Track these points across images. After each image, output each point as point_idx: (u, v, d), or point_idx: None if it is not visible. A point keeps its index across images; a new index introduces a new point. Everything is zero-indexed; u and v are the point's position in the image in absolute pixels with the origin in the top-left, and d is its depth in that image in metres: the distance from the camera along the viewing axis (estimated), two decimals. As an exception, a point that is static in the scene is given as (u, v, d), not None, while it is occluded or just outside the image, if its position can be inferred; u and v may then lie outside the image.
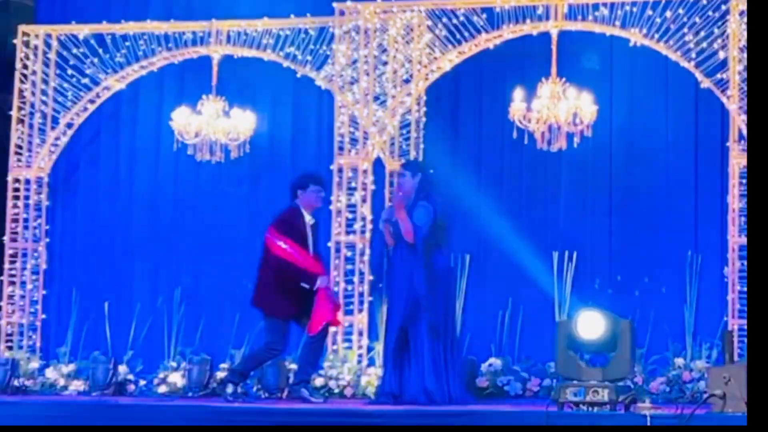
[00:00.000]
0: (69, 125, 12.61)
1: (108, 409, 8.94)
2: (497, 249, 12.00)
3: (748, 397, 7.04)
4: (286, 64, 12.17)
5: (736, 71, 10.94)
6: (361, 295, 11.66)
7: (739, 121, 10.98)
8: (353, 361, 11.43)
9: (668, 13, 11.11)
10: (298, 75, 12.20)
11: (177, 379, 11.80)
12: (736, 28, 10.98)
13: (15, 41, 12.70)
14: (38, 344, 12.47)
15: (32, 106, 12.60)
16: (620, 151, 11.89)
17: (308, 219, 10.04)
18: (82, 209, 12.97)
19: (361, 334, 11.61)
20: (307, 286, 9.80)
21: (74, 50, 12.58)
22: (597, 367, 8.09)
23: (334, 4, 11.95)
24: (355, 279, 11.67)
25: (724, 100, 11.05)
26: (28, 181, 12.57)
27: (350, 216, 11.75)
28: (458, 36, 11.64)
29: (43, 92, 12.58)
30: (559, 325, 8.35)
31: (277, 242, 9.89)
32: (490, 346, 11.54)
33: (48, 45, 12.65)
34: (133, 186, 12.91)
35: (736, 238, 10.99)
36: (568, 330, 8.09)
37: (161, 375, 11.93)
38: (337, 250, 11.70)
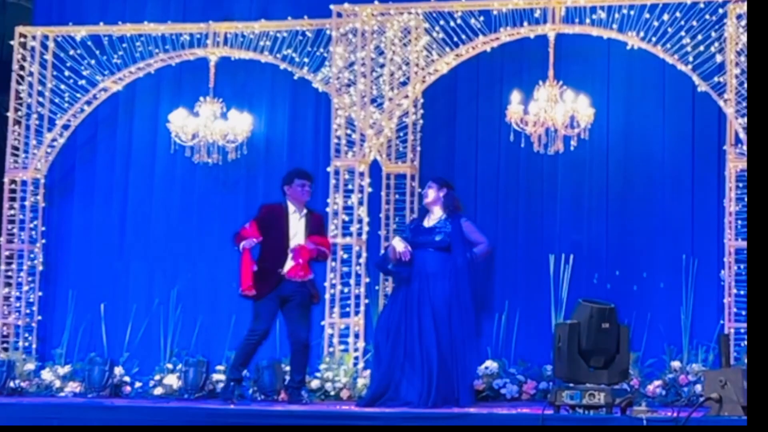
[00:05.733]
0: (66, 126, 12.60)
1: (104, 410, 8.93)
2: (493, 251, 11.99)
3: (748, 400, 7.05)
4: (283, 66, 12.17)
5: (733, 75, 10.95)
6: (357, 297, 11.65)
7: (735, 125, 10.98)
8: (349, 364, 11.43)
9: (665, 17, 11.12)
10: (295, 77, 12.21)
11: (173, 381, 11.79)
12: (733, 31, 10.99)
13: (12, 42, 12.70)
14: (34, 345, 12.46)
15: (29, 107, 12.59)
16: (617, 154, 11.90)
17: (293, 211, 10.22)
18: (79, 211, 12.95)
19: (357, 336, 11.61)
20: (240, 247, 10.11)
21: (71, 51, 12.57)
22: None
23: (332, 7, 11.95)
24: (352, 281, 11.65)
25: (720, 103, 11.06)
26: (24, 183, 12.56)
27: (347, 218, 11.74)
28: (455, 39, 11.64)
29: (40, 93, 12.57)
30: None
31: (246, 226, 10.27)
32: (486, 348, 11.53)
33: (45, 46, 12.64)
34: (130, 188, 12.90)
35: (732, 242, 10.99)
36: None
37: (157, 377, 11.92)
38: (334, 252, 11.68)
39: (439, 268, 9.66)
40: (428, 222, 9.86)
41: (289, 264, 10.14)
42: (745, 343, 10.39)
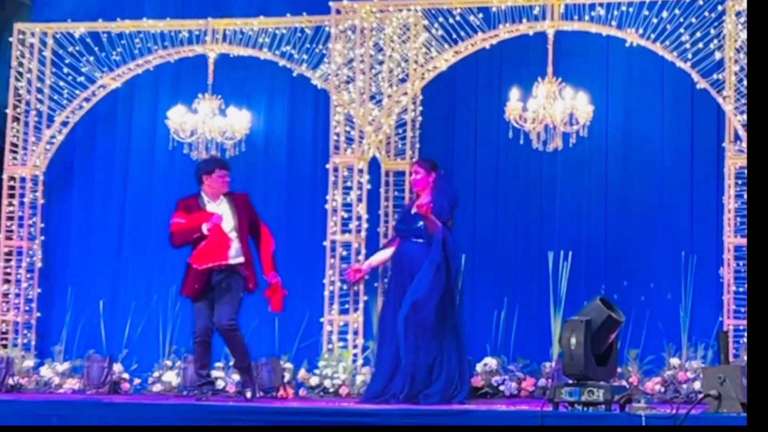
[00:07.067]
0: (64, 123, 12.59)
1: (103, 407, 8.93)
2: (492, 248, 12.01)
3: (747, 397, 7.05)
4: (282, 62, 12.16)
5: (732, 72, 10.94)
6: (356, 294, 11.65)
7: (735, 122, 10.97)
8: (348, 360, 11.43)
9: (664, 14, 11.11)
10: (294, 74, 12.20)
11: (172, 377, 11.78)
12: (732, 28, 10.99)
13: (11, 39, 12.69)
14: (33, 342, 12.45)
15: (28, 104, 12.58)
16: (616, 151, 11.90)
17: (208, 201, 10.20)
18: (78, 207, 12.95)
19: (356, 333, 11.61)
20: (205, 230, 9.99)
21: (70, 48, 12.56)
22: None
23: (331, 3, 11.94)
24: (351, 278, 11.65)
25: (720, 100, 11.06)
26: (23, 179, 12.55)
27: (346, 215, 11.73)
28: (454, 35, 11.63)
29: (39, 90, 12.56)
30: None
31: (174, 221, 10.17)
32: (485, 345, 11.54)
33: (44, 43, 12.63)
34: (129, 184, 12.89)
35: (731, 239, 10.99)
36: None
37: (156, 373, 11.92)
38: (333, 249, 11.68)
39: (416, 264, 9.64)
40: (414, 208, 9.84)
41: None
42: (744, 340, 10.40)
